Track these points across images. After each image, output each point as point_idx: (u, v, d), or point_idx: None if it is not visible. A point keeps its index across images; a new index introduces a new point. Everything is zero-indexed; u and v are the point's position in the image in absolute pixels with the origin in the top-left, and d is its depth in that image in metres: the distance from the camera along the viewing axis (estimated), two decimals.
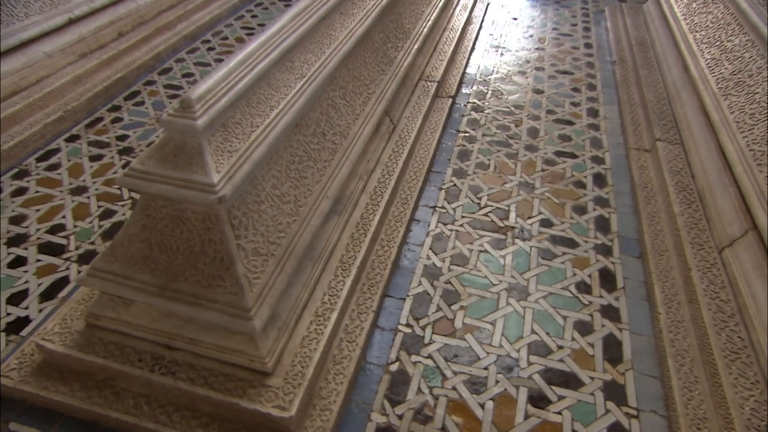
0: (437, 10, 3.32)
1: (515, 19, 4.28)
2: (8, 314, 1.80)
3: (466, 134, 2.85)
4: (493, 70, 3.49)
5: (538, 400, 1.58)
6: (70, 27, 3.03)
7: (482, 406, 1.57)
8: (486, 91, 3.26)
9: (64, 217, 2.21)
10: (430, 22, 3.14)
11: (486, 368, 1.67)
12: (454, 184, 2.47)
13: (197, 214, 1.37)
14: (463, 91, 3.25)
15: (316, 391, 1.52)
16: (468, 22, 3.90)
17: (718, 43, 2.51)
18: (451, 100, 3.03)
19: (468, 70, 3.48)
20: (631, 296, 1.92)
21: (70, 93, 2.87)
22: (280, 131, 1.56)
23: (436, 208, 2.32)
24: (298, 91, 1.71)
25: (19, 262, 1.99)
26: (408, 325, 1.81)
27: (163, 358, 1.49)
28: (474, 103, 3.13)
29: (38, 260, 2.01)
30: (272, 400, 1.39)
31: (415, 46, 2.85)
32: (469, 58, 3.57)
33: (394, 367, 1.67)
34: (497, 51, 3.76)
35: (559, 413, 1.55)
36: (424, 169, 2.44)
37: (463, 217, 2.28)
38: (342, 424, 1.51)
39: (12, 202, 2.28)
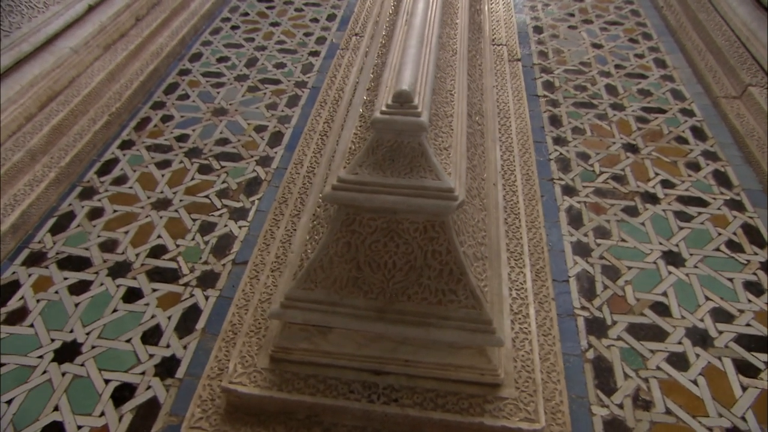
0: None
1: None
2: (151, 356, 1.58)
3: (547, 98, 2.72)
4: (542, 27, 3.34)
5: (746, 369, 1.56)
6: (89, 16, 2.62)
7: (695, 382, 1.53)
8: (545, 50, 3.11)
9: (159, 236, 1.96)
10: None
11: (680, 342, 1.62)
12: (560, 153, 2.36)
13: (416, 224, 1.20)
14: (524, 52, 3.09)
15: None
16: None
17: None
18: (519, 63, 2.87)
19: (518, 30, 3.30)
20: None
21: (107, 93, 2.52)
22: (466, 118, 1.39)
23: (554, 181, 2.21)
24: (459, 69, 1.53)
25: (134, 294, 1.75)
26: (583, 308, 1.73)
27: (376, 386, 1.34)
28: (540, 64, 2.98)
29: (154, 290, 1.77)
30: (515, 413, 1.29)
31: (486, 8, 2.65)
32: (514, 16, 3.39)
33: (590, 355, 1.60)
34: (536, 5, 3.59)
35: None
36: (530, 141, 2.31)
37: (584, 187, 2.18)
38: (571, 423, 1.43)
39: (93, 227, 1.99)
